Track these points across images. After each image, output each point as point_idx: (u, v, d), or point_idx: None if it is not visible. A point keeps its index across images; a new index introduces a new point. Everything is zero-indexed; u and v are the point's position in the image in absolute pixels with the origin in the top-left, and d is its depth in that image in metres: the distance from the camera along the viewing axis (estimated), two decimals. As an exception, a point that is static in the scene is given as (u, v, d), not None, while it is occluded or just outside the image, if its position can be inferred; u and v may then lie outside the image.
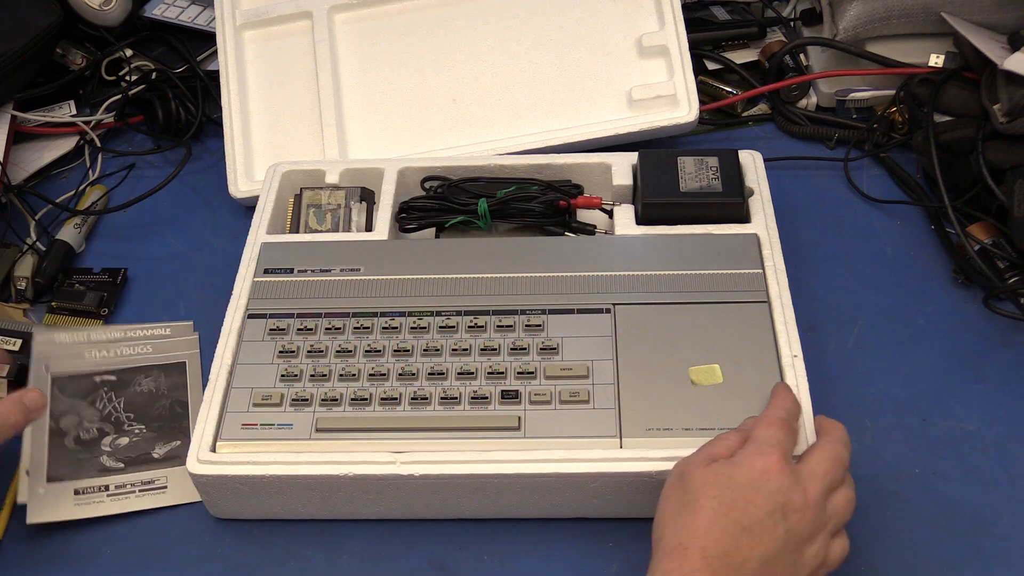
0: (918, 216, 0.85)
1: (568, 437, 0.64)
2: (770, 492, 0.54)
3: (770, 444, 0.56)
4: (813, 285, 0.80)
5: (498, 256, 0.75)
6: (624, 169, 0.81)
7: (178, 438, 0.73)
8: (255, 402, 0.67)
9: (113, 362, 0.77)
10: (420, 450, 0.64)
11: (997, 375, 0.74)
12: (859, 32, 0.91)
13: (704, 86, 0.97)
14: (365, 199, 0.80)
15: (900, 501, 0.67)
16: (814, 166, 0.91)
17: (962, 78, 0.84)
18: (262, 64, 0.92)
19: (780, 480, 0.54)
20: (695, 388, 0.66)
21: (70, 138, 0.97)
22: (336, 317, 0.71)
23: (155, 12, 1.03)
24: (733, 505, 0.53)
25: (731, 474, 0.55)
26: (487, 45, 0.91)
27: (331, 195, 0.80)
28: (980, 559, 0.64)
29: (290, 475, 0.64)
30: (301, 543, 0.67)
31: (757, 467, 0.55)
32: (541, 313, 0.71)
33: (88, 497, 0.69)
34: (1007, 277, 0.77)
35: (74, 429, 0.73)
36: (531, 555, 0.66)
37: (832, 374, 0.74)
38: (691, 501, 0.54)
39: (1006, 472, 0.68)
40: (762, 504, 0.54)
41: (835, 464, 0.58)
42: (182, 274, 0.86)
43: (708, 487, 0.54)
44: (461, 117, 0.89)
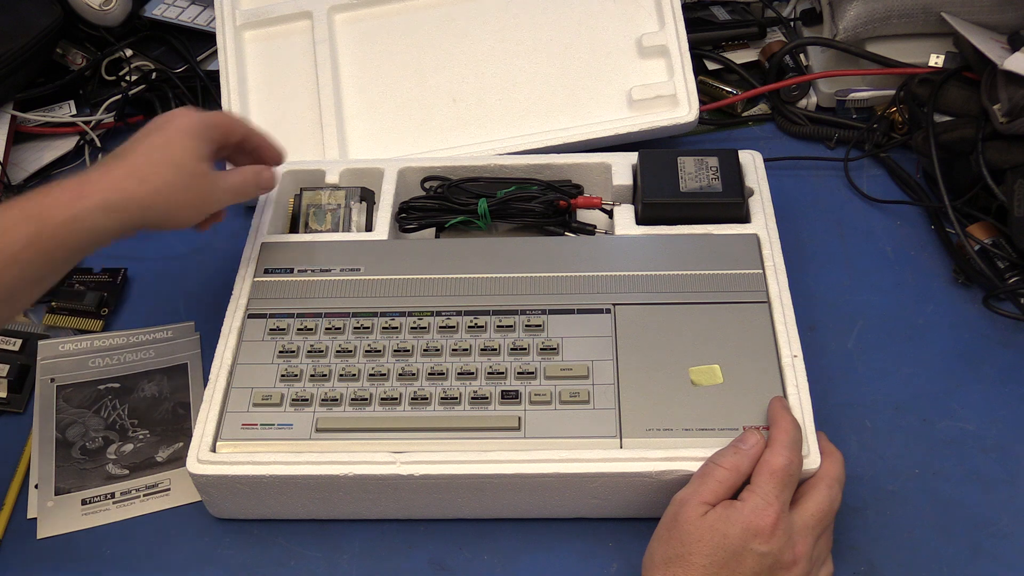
0: (918, 216, 0.85)
1: (568, 437, 0.64)
2: (761, 555, 0.56)
3: (767, 502, 0.57)
4: (813, 285, 0.80)
5: (498, 256, 0.75)
6: (624, 169, 0.81)
7: (180, 440, 0.73)
8: (255, 402, 0.67)
9: (116, 369, 0.77)
10: (420, 450, 0.64)
11: (997, 375, 0.74)
12: (859, 32, 0.91)
13: (704, 86, 0.97)
14: (365, 199, 0.80)
15: (900, 501, 0.67)
16: (814, 166, 0.91)
17: (962, 78, 0.84)
18: (262, 64, 0.92)
19: (772, 543, 0.56)
20: (695, 388, 0.66)
21: (70, 138, 0.98)
22: (336, 317, 0.71)
23: (155, 12, 1.03)
24: (725, 564, 0.55)
25: (725, 533, 0.56)
26: (487, 45, 0.91)
27: (331, 195, 0.80)
28: (980, 559, 0.64)
29: (290, 475, 0.64)
30: (301, 543, 0.67)
31: (751, 528, 0.56)
32: (541, 313, 0.71)
33: (95, 506, 0.70)
34: (1007, 277, 0.77)
35: (80, 439, 0.73)
36: (531, 555, 0.66)
37: (832, 374, 0.74)
38: (685, 555, 0.56)
39: (1006, 472, 0.68)
40: (752, 565, 0.56)
41: (828, 512, 0.60)
42: (182, 274, 0.86)
43: (702, 544, 0.56)
44: (461, 117, 0.89)
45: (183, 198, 0.65)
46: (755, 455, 0.59)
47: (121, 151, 0.65)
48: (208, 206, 0.68)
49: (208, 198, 0.67)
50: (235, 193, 0.70)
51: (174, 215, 0.65)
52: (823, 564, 0.60)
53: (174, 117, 0.67)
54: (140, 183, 0.63)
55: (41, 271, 0.61)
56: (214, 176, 0.68)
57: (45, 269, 0.61)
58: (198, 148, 0.66)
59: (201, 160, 0.66)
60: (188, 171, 0.65)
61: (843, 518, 0.64)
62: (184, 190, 0.65)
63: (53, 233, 0.60)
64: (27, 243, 0.59)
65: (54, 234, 0.60)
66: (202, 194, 0.67)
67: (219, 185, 0.68)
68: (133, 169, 0.63)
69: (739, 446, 0.60)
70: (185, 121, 0.67)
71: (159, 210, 0.64)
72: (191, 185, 0.65)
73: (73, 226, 0.60)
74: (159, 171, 0.64)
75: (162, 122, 0.67)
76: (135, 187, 0.63)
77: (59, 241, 0.60)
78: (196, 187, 0.66)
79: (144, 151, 0.65)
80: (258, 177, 0.72)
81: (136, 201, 0.63)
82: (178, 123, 0.66)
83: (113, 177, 0.63)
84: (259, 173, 0.72)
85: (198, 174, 0.66)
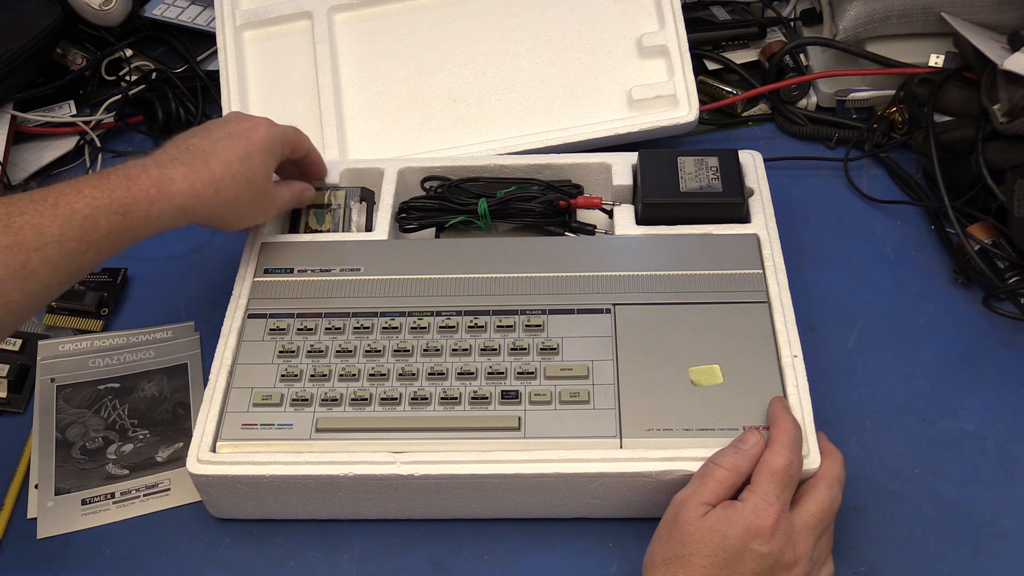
0: (918, 216, 0.85)
1: (568, 437, 0.64)
2: (762, 555, 0.56)
3: (768, 502, 0.57)
4: (813, 285, 0.80)
5: (498, 256, 0.75)
6: (624, 169, 0.81)
7: (180, 440, 0.73)
8: (255, 402, 0.67)
9: (116, 369, 0.77)
10: (420, 450, 0.64)
11: (997, 375, 0.74)
12: (859, 32, 0.91)
13: (704, 86, 0.97)
14: (365, 199, 0.80)
15: (900, 501, 0.67)
16: (814, 166, 0.91)
17: (962, 78, 0.84)
18: (262, 64, 0.92)
19: (773, 544, 0.56)
20: (695, 388, 0.66)
21: (70, 138, 0.98)
22: (336, 317, 0.71)
23: (155, 12, 1.03)
24: (725, 565, 0.55)
25: (726, 533, 0.56)
26: (487, 45, 0.91)
27: (331, 195, 0.80)
28: (980, 559, 0.64)
29: (290, 475, 0.64)
30: (301, 543, 0.67)
31: (752, 529, 0.56)
32: (541, 313, 0.71)
33: (95, 506, 0.70)
34: (1007, 277, 0.77)
35: (80, 439, 0.73)
36: (531, 555, 0.66)
37: (832, 374, 0.74)
38: (685, 556, 0.56)
39: (1006, 472, 0.68)
40: (752, 566, 0.56)
41: (829, 513, 0.60)
42: (182, 274, 0.86)
43: (702, 545, 0.56)
44: (461, 117, 0.89)
45: (247, 212, 0.70)
46: (755, 455, 0.59)
47: (200, 148, 0.67)
48: (263, 219, 0.74)
49: (266, 213, 0.73)
50: (283, 206, 0.75)
51: (232, 223, 0.71)
52: (823, 564, 0.60)
53: (255, 127, 0.70)
54: (217, 193, 0.66)
55: (108, 256, 0.63)
56: (274, 193, 0.73)
57: (111, 253, 0.63)
58: (271, 166, 0.71)
59: (270, 178, 0.71)
60: (258, 189, 0.69)
61: (843, 518, 0.64)
62: (249, 205, 0.69)
63: (131, 225, 0.62)
64: (108, 232, 0.61)
65: (131, 226, 0.62)
66: (263, 209, 0.72)
67: (275, 202, 0.73)
68: (212, 179, 0.66)
69: (739, 446, 0.60)
70: (265, 135, 0.70)
71: (222, 217, 0.69)
72: (256, 201, 0.70)
73: (150, 223, 0.63)
74: (235, 185, 0.67)
75: (242, 129, 0.69)
76: (212, 197, 0.66)
77: (133, 234, 0.63)
78: (260, 204, 0.71)
79: (224, 160, 0.67)
80: (302, 194, 0.77)
81: (208, 207, 0.66)
82: (257, 137, 0.69)
83: (194, 182, 0.65)
84: (304, 191, 0.77)
85: (265, 192, 0.71)
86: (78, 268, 0.61)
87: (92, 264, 0.62)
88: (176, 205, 0.64)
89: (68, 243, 0.59)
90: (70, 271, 0.60)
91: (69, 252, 0.59)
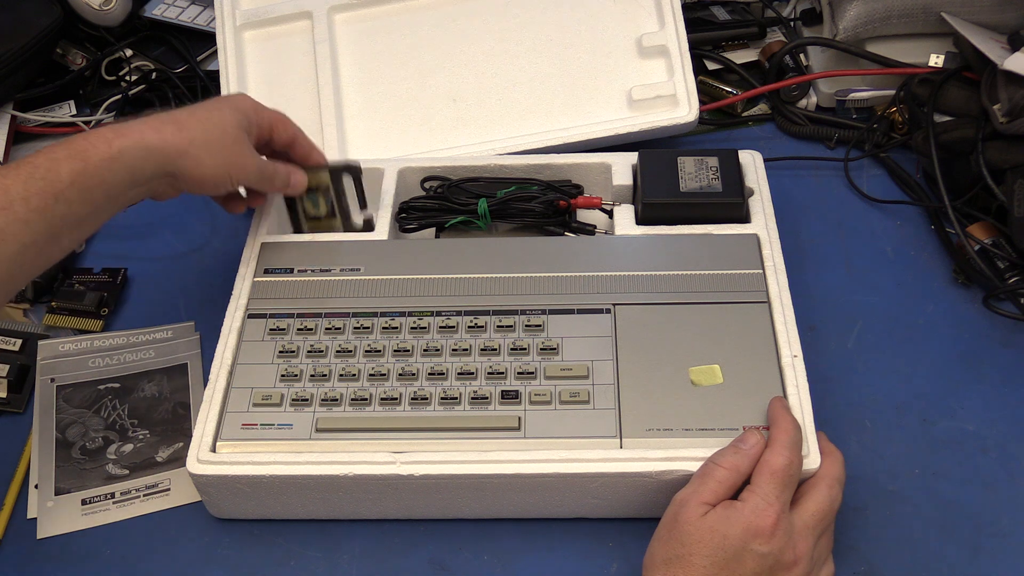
0: (918, 216, 0.85)
1: (568, 437, 0.64)
2: (762, 555, 0.56)
3: (768, 502, 0.57)
4: (813, 285, 0.80)
5: (498, 256, 0.75)
6: (624, 169, 0.81)
7: (180, 440, 0.73)
8: (255, 402, 0.67)
9: (116, 369, 0.77)
10: (420, 450, 0.64)
11: (997, 375, 0.74)
12: (859, 32, 0.91)
13: (704, 86, 0.97)
14: (351, 172, 0.79)
15: (900, 501, 0.67)
16: (814, 166, 0.91)
17: (962, 78, 0.84)
18: (262, 64, 0.92)
19: (773, 543, 0.56)
20: (695, 388, 0.66)
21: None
22: (336, 317, 0.71)
23: (155, 12, 1.03)
24: (725, 565, 0.55)
25: (725, 533, 0.56)
26: (487, 45, 0.91)
27: (316, 177, 0.78)
28: (980, 559, 0.64)
29: (290, 475, 0.64)
30: (301, 543, 0.67)
31: (752, 529, 0.56)
32: (541, 313, 0.71)
33: (95, 506, 0.70)
34: (1007, 277, 0.77)
35: (80, 439, 0.73)
36: (531, 555, 0.66)
37: (832, 374, 0.74)
38: (685, 556, 0.56)
39: (1006, 472, 0.68)
40: (752, 566, 0.56)
41: (829, 512, 0.60)
42: (182, 274, 0.86)
43: (702, 545, 0.56)
44: (461, 117, 0.89)
45: (215, 154, 0.67)
46: (755, 455, 0.59)
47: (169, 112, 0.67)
48: (236, 171, 0.69)
49: (237, 162, 0.69)
50: (264, 176, 0.72)
51: (204, 168, 0.67)
52: (823, 564, 0.60)
53: (232, 96, 0.73)
54: (178, 130, 0.65)
55: (83, 210, 0.61)
56: (250, 149, 0.70)
57: (86, 209, 0.61)
58: (241, 122, 0.69)
59: (240, 130, 0.69)
60: (225, 133, 0.68)
61: (843, 518, 0.64)
62: (218, 146, 0.67)
63: (95, 170, 0.61)
64: (71, 180, 0.60)
65: (96, 171, 0.61)
66: (233, 156, 0.68)
67: (251, 159, 0.70)
68: (173, 118, 0.66)
69: (739, 446, 0.60)
70: (240, 100, 0.71)
71: (191, 159, 0.66)
72: (225, 144, 0.68)
73: (114, 164, 0.62)
74: (198, 124, 0.66)
75: (218, 97, 0.70)
76: (173, 132, 0.65)
77: (100, 179, 0.61)
78: (229, 149, 0.68)
79: (188, 110, 0.68)
80: (289, 175, 0.75)
81: (173, 146, 0.65)
82: (233, 100, 0.71)
83: (153, 123, 0.65)
84: (292, 172, 0.75)
85: (234, 139, 0.68)
86: (52, 225, 0.60)
87: (65, 219, 0.60)
88: (137, 142, 0.63)
89: (33, 198, 0.58)
90: (46, 230, 0.59)
91: (37, 207, 0.58)
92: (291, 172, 0.75)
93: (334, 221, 0.79)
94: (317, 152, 0.78)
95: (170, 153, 0.65)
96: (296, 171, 0.75)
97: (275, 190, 0.76)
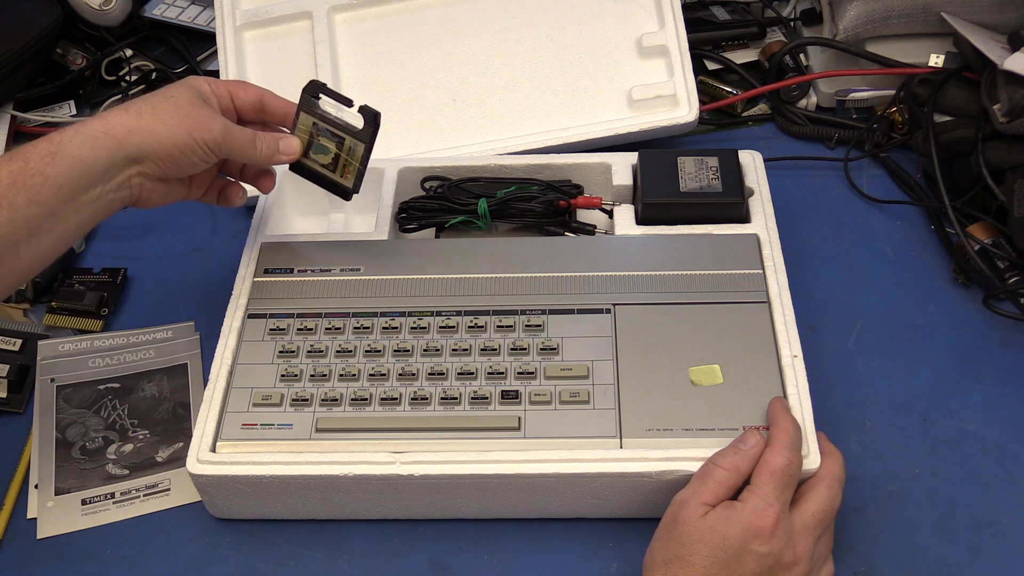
0: (918, 216, 0.85)
1: (568, 437, 0.64)
2: (762, 555, 0.56)
3: (768, 502, 0.57)
4: (813, 285, 0.80)
5: (498, 256, 0.75)
6: (624, 169, 0.81)
7: (180, 440, 0.73)
8: (255, 402, 0.67)
9: (116, 369, 0.77)
10: (420, 450, 0.64)
11: (997, 375, 0.74)
12: (859, 32, 0.91)
13: (704, 86, 0.97)
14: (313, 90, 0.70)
15: (900, 501, 0.67)
16: (814, 166, 0.91)
17: (962, 78, 0.84)
18: (262, 64, 0.92)
19: (772, 544, 0.56)
20: (695, 388, 0.66)
21: (70, 138, 0.97)
22: (336, 317, 0.71)
23: (155, 12, 1.03)
24: (725, 566, 0.55)
25: (725, 533, 0.56)
26: (487, 45, 0.91)
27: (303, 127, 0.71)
28: (980, 559, 0.64)
29: (290, 475, 0.64)
30: (301, 543, 0.67)
31: (752, 529, 0.56)
32: (541, 313, 0.71)
33: (95, 506, 0.70)
34: (1007, 277, 0.77)
35: (80, 439, 0.73)
36: (531, 555, 0.66)
37: (832, 374, 0.74)
38: (685, 555, 0.56)
39: (1006, 472, 0.68)
40: (752, 566, 0.55)
41: (829, 512, 0.60)
42: (182, 274, 0.86)
43: (703, 545, 0.56)
44: (461, 117, 0.89)
45: (168, 119, 0.62)
46: (755, 455, 0.59)
47: None
48: (198, 130, 0.62)
49: (198, 121, 0.63)
50: (238, 139, 0.65)
51: (160, 138, 0.61)
52: (823, 564, 0.60)
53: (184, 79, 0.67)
54: (124, 110, 0.61)
55: (30, 213, 0.57)
56: (209, 110, 0.64)
57: (34, 211, 0.57)
58: (193, 91, 0.64)
59: (194, 96, 0.64)
60: (178, 100, 0.63)
61: (843, 518, 0.64)
62: (171, 112, 0.62)
63: (37, 167, 0.57)
64: (12, 181, 0.56)
65: (37, 168, 0.57)
66: (191, 117, 0.62)
67: (214, 118, 0.64)
68: (121, 106, 0.62)
69: (739, 446, 0.60)
70: (191, 79, 0.66)
71: (145, 133, 0.61)
72: (179, 108, 0.62)
73: (56, 158, 0.58)
74: (146, 103, 0.62)
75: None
76: (118, 114, 0.61)
77: (43, 176, 0.57)
78: (183, 111, 0.62)
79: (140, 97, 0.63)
80: (276, 140, 0.69)
81: (121, 125, 0.60)
82: (184, 80, 0.66)
83: (100, 114, 0.62)
84: (279, 138, 0.69)
85: (188, 102, 0.63)
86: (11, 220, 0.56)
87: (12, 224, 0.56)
88: (77, 129, 0.59)
89: None
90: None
91: None
92: (276, 137, 0.69)
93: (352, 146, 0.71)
94: (290, 103, 0.71)
95: (117, 134, 0.60)
96: (282, 136, 0.69)
97: (264, 158, 0.68)
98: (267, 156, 0.68)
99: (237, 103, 0.69)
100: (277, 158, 0.69)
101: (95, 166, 0.59)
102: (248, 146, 0.66)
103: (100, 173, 0.60)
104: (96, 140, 0.59)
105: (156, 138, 0.61)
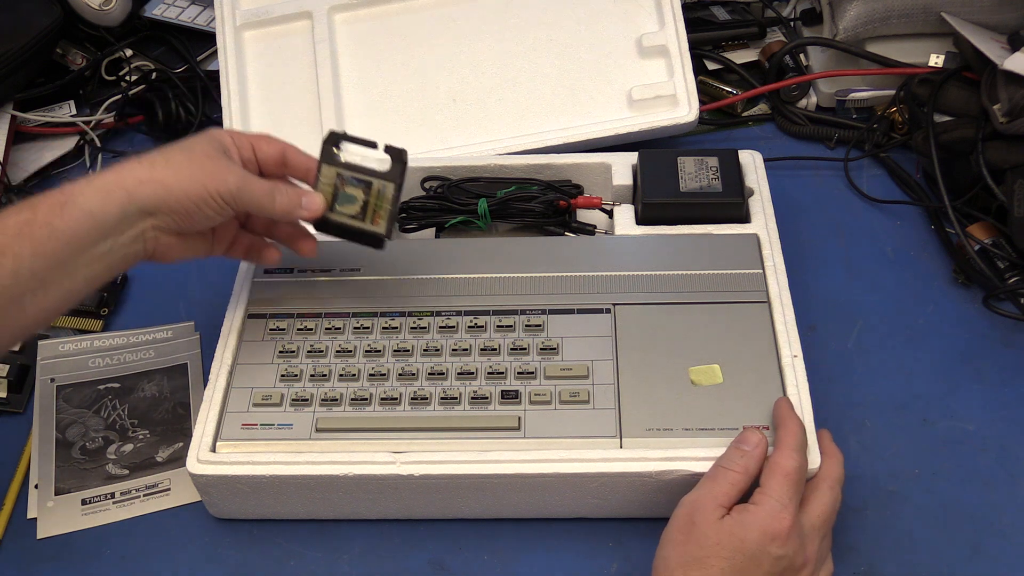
0: (918, 216, 0.85)
1: (568, 437, 0.64)
2: (777, 558, 0.56)
3: (783, 504, 0.57)
4: (813, 285, 0.80)
5: (498, 256, 0.75)
6: (624, 169, 0.81)
7: (180, 440, 0.73)
8: (255, 402, 0.67)
9: (116, 369, 0.77)
10: (420, 450, 0.64)
11: (997, 375, 0.74)
12: (859, 32, 0.91)
13: (704, 86, 0.97)
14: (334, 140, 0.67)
15: (900, 501, 0.67)
16: (814, 166, 0.91)
17: (962, 78, 0.84)
18: (262, 64, 0.92)
19: (788, 546, 0.56)
20: (695, 388, 0.66)
21: (70, 138, 0.97)
22: (336, 317, 0.71)
23: (155, 12, 1.03)
24: (742, 568, 0.55)
25: (743, 537, 0.56)
26: (487, 45, 0.91)
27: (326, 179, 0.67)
28: (980, 559, 0.64)
29: (290, 475, 0.64)
30: (301, 543, 0.67)
31: (769, 532, 0.56)
32: (541, 313, 0.71)
33: (95, 506, 0.70)
34: (1007, 277, 0.77)
35: (80, 439, 0.73)
36: (531, 555, 0.66)
37: (832, 374, 0.74)
38: (704, 558, 0.56)
39: (1006, 472, 0.68)
40: (768, 568, 0.56)
41: (832, 514, 0.60)
42: (182, 274, 0.85)
43: (721, 548, 0.56)
44: (461, 117, 0.89)
45: (182, 170, 0.59)
46: (760, 455, 0.59)
47: None
48: (213, 182, 0.60)
49: (213, 173, 0.60)
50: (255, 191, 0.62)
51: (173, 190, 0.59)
52: (823, 564, 0.60)
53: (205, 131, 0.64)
54: (138, 162, 0.60)
55: (36, 265, 0.55)
56: (227, 161, 0.62)
57: (41, 264, 0.55)
58: (212, 143, 0.62)
59: (212, 148, 0.62)
60: (193, 152, 0.61)
61: (843, 518, 0.64)
62: (185, 163, 0.60)
63: (45, 218, 0.55)
64: (18, 232, 0.55)
65: (45, 219, 0.55)
66: (206, 168, 0.60)
67: (231, 170, 0.61)
68: (136, 157, 0.60)
69: (743, 447, 0.60)
70: (213, 131, 0.64)
71: (157, 183, 0.58)
72: (193, 160, 0.60)
73: (64, 208, 0.56)
74: (160, 154, 0.60)
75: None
76: (131, 165, 0.59)
77: (51, 228, 0.55)
78: (199, 163, 0.60)
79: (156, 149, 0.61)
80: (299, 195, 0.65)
81: (133, 177, 0.58)
82: (205, 131, 0.64)
83: (113, 165, 0.60)
84: (301, 193, 0.65)
85: (205, 154, 0.61)
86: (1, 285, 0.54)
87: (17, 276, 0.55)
88: (89, 181, 0.57)
89: None
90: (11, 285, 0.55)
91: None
92: (299, 192, 0.65)
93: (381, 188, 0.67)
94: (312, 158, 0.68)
95: (129, 186, 0.58)
96: (305, 192, 0.65)
97: (284, 212, 0.64)
98: (287, 210, 0.64)
99: (260, 156, 0.66)
100: (298, 213, 0.65)
101: (106, 218, 0.57)
102: (266, 199, 0.63)
103: (111, 226, 0.58)
104: (107, 192, 0.57)
105: (168, 190, 0.59)
